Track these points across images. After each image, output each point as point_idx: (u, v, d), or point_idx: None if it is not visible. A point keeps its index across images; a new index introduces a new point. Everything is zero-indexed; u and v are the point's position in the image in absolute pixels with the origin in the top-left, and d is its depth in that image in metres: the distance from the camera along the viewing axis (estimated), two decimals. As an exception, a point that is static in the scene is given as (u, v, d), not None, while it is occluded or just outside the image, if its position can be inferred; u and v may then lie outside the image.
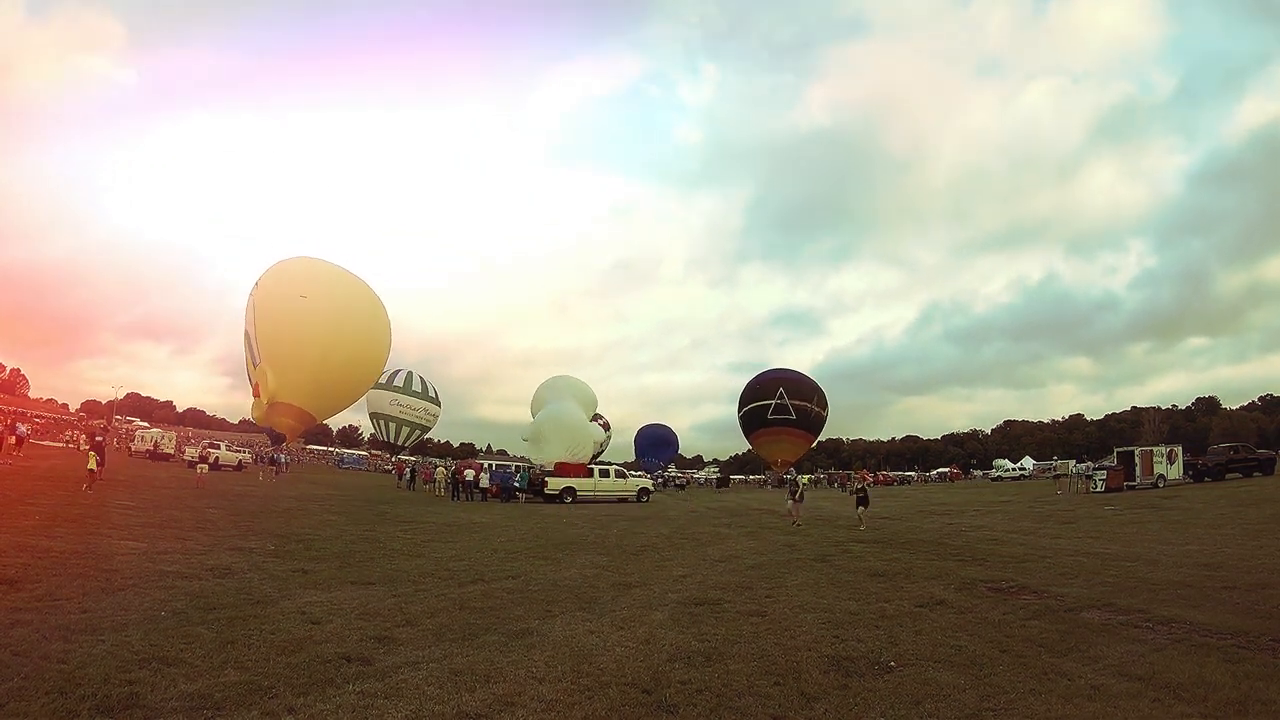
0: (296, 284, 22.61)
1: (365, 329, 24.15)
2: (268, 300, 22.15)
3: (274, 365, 21.21)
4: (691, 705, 4.32)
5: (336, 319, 22.58)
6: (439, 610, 6.79)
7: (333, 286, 23.36)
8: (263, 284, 22.96)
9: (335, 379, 23.15)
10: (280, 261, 24.57)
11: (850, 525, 17.57)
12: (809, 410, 45.11)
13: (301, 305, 21.72)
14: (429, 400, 48.58)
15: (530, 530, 15.79)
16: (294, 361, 21.36)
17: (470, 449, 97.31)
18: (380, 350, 25.94)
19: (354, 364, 23.92)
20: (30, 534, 9.52)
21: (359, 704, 4.11)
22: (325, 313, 22.23)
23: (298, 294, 21.95)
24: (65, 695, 3.94)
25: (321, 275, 23.73)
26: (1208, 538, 12.33)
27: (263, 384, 21.11)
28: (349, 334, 23.00)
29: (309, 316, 21.88)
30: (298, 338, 21.62)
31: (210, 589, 7.13)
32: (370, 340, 24.64)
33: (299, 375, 21.54)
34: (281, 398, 21.47)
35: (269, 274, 23.51)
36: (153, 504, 15.67)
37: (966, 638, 5.98)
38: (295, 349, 21.49)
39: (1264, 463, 29.09)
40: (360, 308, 24.11)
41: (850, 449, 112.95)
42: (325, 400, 23.93)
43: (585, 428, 32.17)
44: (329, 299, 22.61)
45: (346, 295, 23.66)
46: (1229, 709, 4.23)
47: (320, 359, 21.88)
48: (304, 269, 23.99)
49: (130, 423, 69.46)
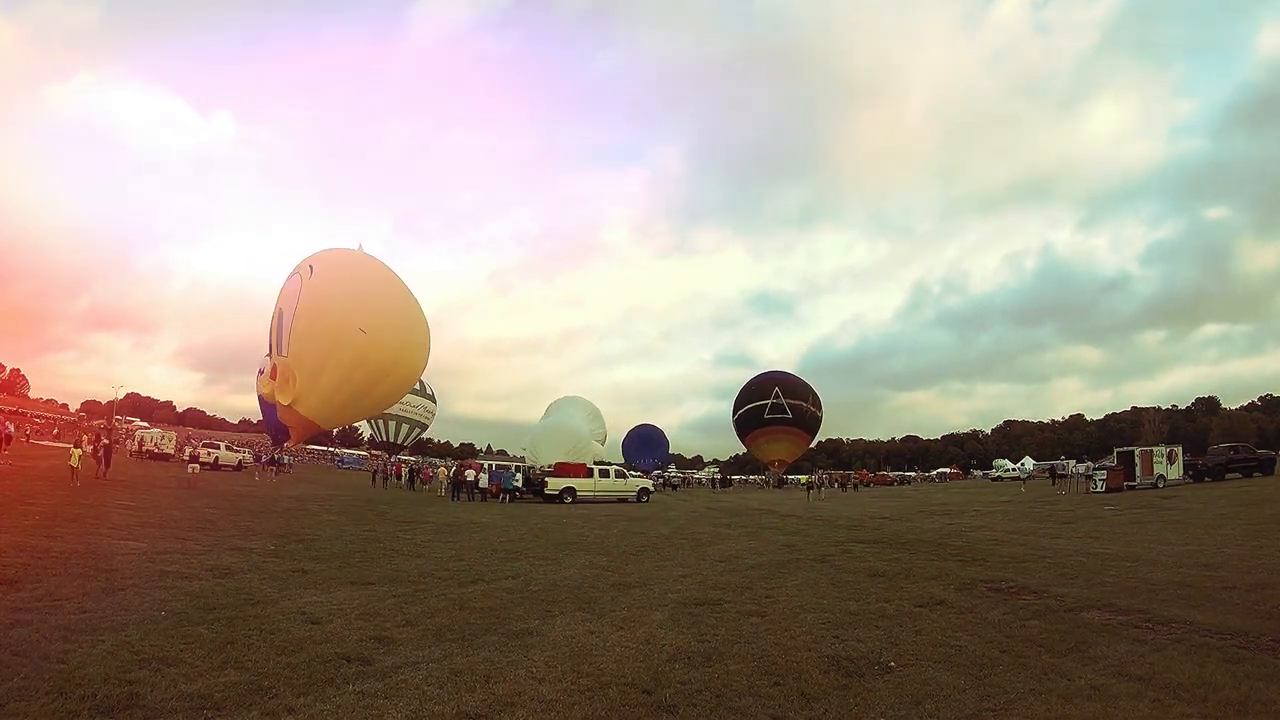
0: (355, 298, 20.38)
1: (410, 365, 22.38)
2: (318, 303, 20.12)
3: (305, 378, 19.88)
4: (691, 705, 4.32)
5: (390, 360, 20.85)
6: (439, 610, 6.79)
7: (391, 316, 21.17)
8: (318, 275, 20.86)
9: (364, 407, 22.14)
10: (338, 252, 22.27)
11: (850, 525, 17.57)
12: (804, 410, 45.18)
13: (359, 340, 20.08)
14: (426, 398, 48.19)
15: (530, 530, 15.79)
16: (331, 388, 19.93)
17: (470, 449, 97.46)
18: (415, 379, 24.55)
19: (389, 395, 22.69)
20: (30, 534, 9.53)
21: (359, 704, 4.11)
22: (382, 355, 20.40)
23: (357, 323, 19.99)
24: (65, 695, 3.94)
25: (382, 299, 21.45)
26: (1208, 538, 12.32)
27: (287, 382, 20.18)
28: (396, 372, 21.54)
29: (366, 354, 20.10)
30: (348, 369, 19.85)
31: (210, 589, 7.13)
32: (411, 373, 23.02)
33: (331, 399, 20.35)
34: (300, 409, 20.67)
35: (326, 265, 21.37)
36: (153, 504, 15.66)
37: (966, 638, 5.98)
38: (340, 377, 19.98)
39: (1264, 463, 29.06)
40: (413, 343, 22.26)
41: (850, 449, 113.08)
42: (342, 419, 23.20)
43: (584, 438, 32.28)
44: (386, 333, 20.61)
45: (403, 328, 21.61)
46: (1229, 709, 4.23)
47: (359, 393, 20.71)
48: (364, 279, 21.50)
49: (130, 423, 69.50)
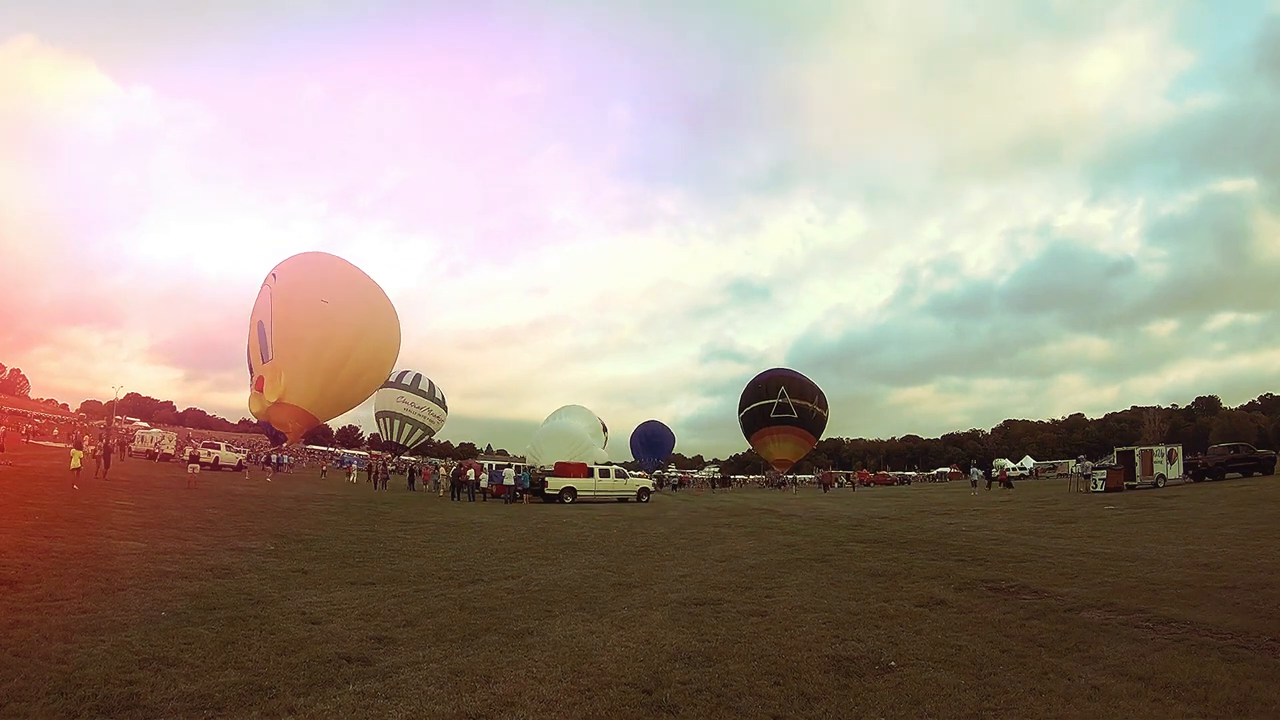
0: (316, 285, 22.25)
1: (380, 335, 23.80)
2: (288, 299, 21.52)
3: (288, 367, 20.84)
4: (691, 705, 4.32)
5: (355, 326, 22.17)
6: (439, 610, 6.79)
7: (351, 290, 22.88)
8: (282, 278, 22.30)
9: (346, 384, 22.91)
10: (298, 255, 23.91)
11: (850, 525, 17.56)
12: (810, 410, 45.24)
13: (322, 310, 21.39)
14: (435, 402, 48.46)
15: (530, 530, 15.79)
16: (308, 365, 21.03)
17: (470, 449, 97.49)
18: (390, 355, 25.59)
19: (366, 370, 23.63)
20: (30, 534, 9.53)
21: (359, 704, 4.11)
22: (344, 319, 21.82)
23: (319, 297, 21.62)
24: (65, 695, 3.94)
25: (341, 278, 23.30)
26: (1208, 538, 12.31)
27: (271, 382, 20.82)
28: (365, 341, 22.68)
29: (328, 322, 21.48)
30: (316, 343, 21.22)
31: (210, 589, 7.13)
32: (383, 346, 24.33)
33: (311, 379, 21.25)
34: (289, 399, 21.24)
35: (288, 268, 22.85)
36: (153, 504, 15.67)
37: (966, 638, 5.98)
38: (312, 353, 21.13)
39: (1264, 463, 29.06)
40: (377, 313, 23.74)
41: (850, 449, 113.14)
42: (331, 404, 23.70)
43: (587, 442, 32.43)
44: (348, 305, 22.16)
45: (364, 300, 23.21)
46: (1229, 709, 4.23)
47: (335, 365, 21.63)
48: (324, 268, 23.56)
49: (130, 423, 69.43)
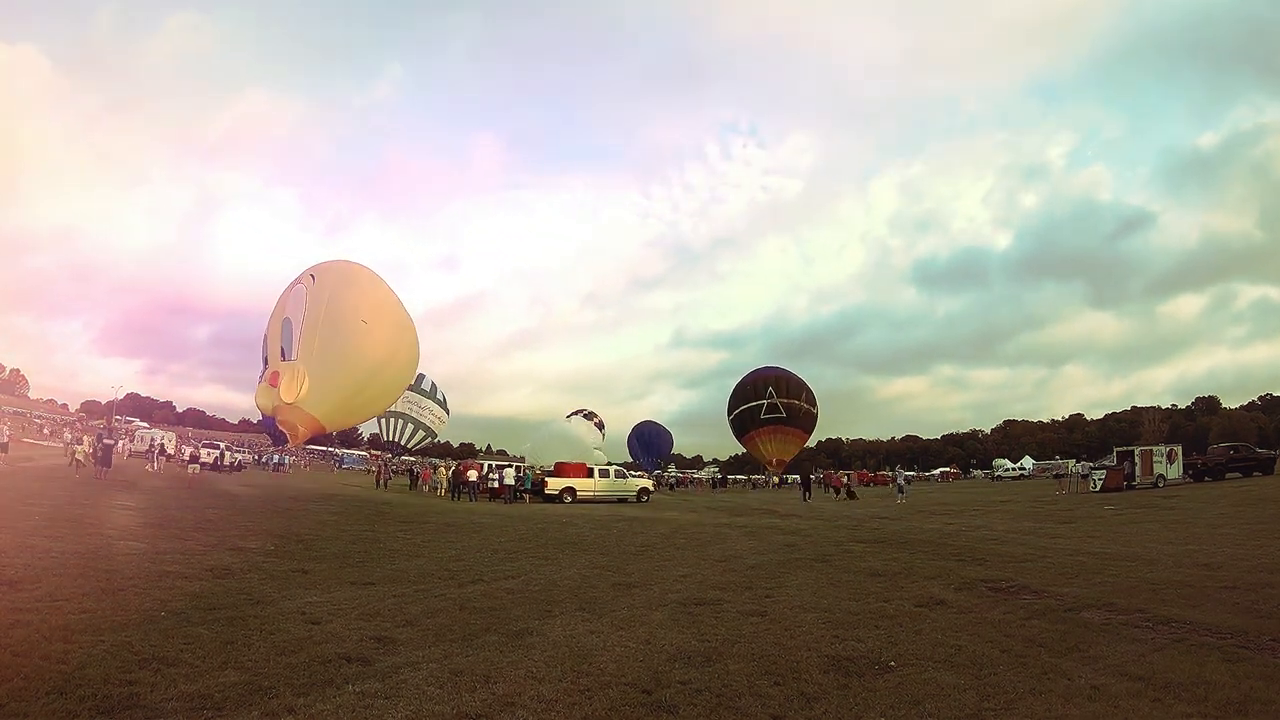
0: (356, 302, 22.52)
1: (404, 361, 24.28)
2: (327, 307, 21.82)
3: (313, 372, 21.11)
4: (691, 705, 4.32)
5: (388, 350, 22.64)
6: (439, 610, 6.79)
7: (385, 312, 23.29)
8: (321, 281, 22.66)
9: (363, 404, 23.41)
10: (338, 263, 24.54)
11: (850, 525, 17.57)
12: (799, 408, 45.31)
13: (360, 329, 21.83)
14: (438, 404, 48.62)
15: (530, 530, 15.79)
16: (336, 380, 21.31)
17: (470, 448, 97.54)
18: (408, 380, 26.76)
19: (385, 395, 24.43)
20: (30, 534, 9.52)
21: (359, 704, 4.10)
22: (379, 340, 22.20)
23: (360, 316, 21.99)
24: (65, 695, 3.93)
25: (381, 299, 23.83)
26: (1208, 538, 12.32)
27: (289, 382, 20.97)
28: (390, 368, 23.12)
29: (365, 343, 21.93)
30: (349, 360, 21.61)
31: (210, 589, 7.13)
32: (405, 368, 24.88)
33: (332, 393, 21.49)
34: (305, 406, 21.47)
35: (330, 275, 23.29)
36: (153, 504, 15.68)
37: (966, 638, 5.98)
38: (343, 369, 21.45)
39: (1264, 462, 29.08)
40: (405, 342, 24.27)
41: (850, 448, 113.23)
42: (344, 418, 24.35)
43: (587, 445, 32.64)
44: (383, 327, 22.58)
45: (396, 324, 23.71)
46: (1229, 709, 4.23)
47: (359, 385, 22.05)
48: (364, 285, 23.75)
49: (130, 423, 69.42)
